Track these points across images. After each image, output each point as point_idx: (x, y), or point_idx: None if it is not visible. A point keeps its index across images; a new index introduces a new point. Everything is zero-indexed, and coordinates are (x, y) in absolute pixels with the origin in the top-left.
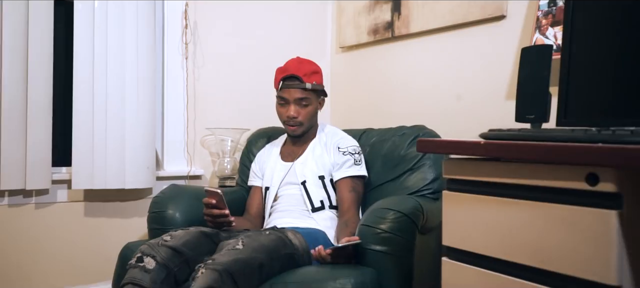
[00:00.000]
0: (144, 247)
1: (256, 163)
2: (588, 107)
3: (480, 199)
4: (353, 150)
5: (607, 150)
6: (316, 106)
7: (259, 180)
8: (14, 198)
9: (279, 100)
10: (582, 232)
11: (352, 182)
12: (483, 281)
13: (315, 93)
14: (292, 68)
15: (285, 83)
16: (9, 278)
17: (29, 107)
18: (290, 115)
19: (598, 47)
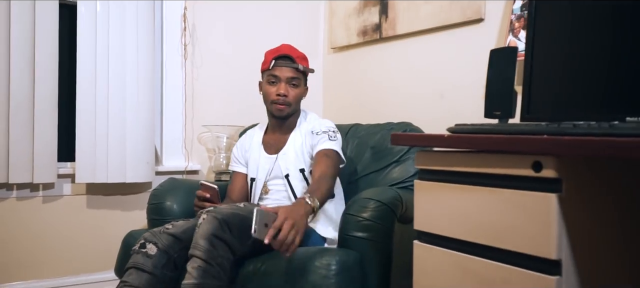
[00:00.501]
0: (147, 235)
1: (238, 149)
2: (549, 104)
3: (445, 187)
4: (326, 128)
5: (549, 141)
6: (303, 91)
7: (241, 167)
8: (22, 191)
9: (270, 78)
10: (528, 213)
11: (327, 151)
12: (448, 260)
13: (304, 77)
14: (284, 49)
15: (278, 62)
16: (18, 267)
17: (36, 105)
18: (281, 92)
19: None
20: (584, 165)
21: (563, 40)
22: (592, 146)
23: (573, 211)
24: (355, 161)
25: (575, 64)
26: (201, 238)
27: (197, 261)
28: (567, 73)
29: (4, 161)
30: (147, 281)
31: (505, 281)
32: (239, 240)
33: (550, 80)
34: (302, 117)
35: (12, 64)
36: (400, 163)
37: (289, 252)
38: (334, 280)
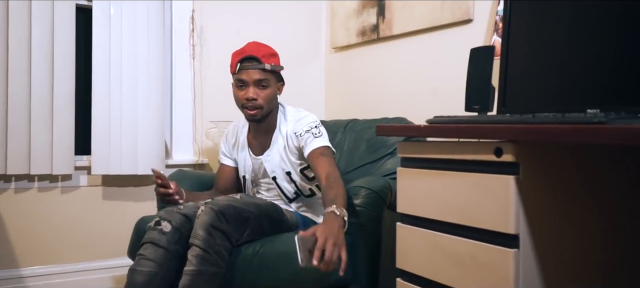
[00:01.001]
0: (161, 213)
1: (224, 145)
2: (522, 97)
3: (423, 173)
4: (308, 127)
5: (507, 128)
6: (275, 90)
7: (229, 160)
8: (42, 182)
9: (237, 83)
10: (490, 193)
11: (320, 150)
12: (424, 239)
13: (274, 75)
14: (250, 50)
15: (243, 64)
16: (38, 253)
17: (54, 101)
18: (249, 96)
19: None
20: (541, 151)
21: (535, 39)
22: (542, 132)
23: (530, 192)
24: (351, 153)
25: (547, 61)
26: (200, 229)
27: (196, 250)
28: (538, 69)
29: (26, 154)
30: (162, 255)
31: (471, 255)
32: (235, 229)
33: (524, 76)
34: (281, 114)
35: (33, 63)
36: (394, 156)
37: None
38: None
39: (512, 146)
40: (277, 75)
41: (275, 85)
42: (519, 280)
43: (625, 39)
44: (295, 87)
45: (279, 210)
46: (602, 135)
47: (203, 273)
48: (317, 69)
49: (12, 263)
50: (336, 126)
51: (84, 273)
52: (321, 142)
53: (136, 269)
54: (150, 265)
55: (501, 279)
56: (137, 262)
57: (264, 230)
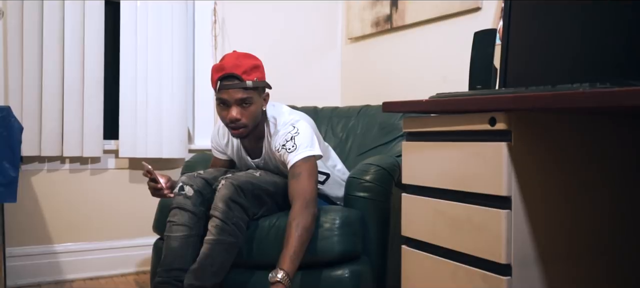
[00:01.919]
0: (183, 179)
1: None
2: (522, 77)
3: (425, 145)
4: (284, 141)
5: (498, 98)
6: (260, 104)
7: (220, 154)
8: (73, 164)
9: (218, 102)
10: (485, 160)
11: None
12: (426, 206)
13: (257, 90)
14: (229, 65)
15: (224, 83)
16: (69, 230)
17: (85, 89)
18: (232, 117)
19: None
20: (532, 120)
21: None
22: (529, 99)
23: (520, 157)
24: (364, 136)
25: (545, 42)
26: (220, 201)
27: (216, 221)
28: (538, 50)
29: (59, 137)
30: (189, 218)
31: (468, 218)
32: (252, 203)
33: (523, 56)
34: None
35: (65, 54)
36: None
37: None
38: (338, 232)
39: (505, 115)
40: (261, 89)
41: (260, 100)
42: (511, 238)
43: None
44: (312, 78)
45: None
46: (580, 99)
47: (222, 243)
48: (334, 60)
49: (46, 240)
50: (350, 111)
51: (112, 250)
52: (295, 156)
53: (170, 235)
54: (182, 230)
55: (494, 238)
56: (169, 228)
57: (280, 206)
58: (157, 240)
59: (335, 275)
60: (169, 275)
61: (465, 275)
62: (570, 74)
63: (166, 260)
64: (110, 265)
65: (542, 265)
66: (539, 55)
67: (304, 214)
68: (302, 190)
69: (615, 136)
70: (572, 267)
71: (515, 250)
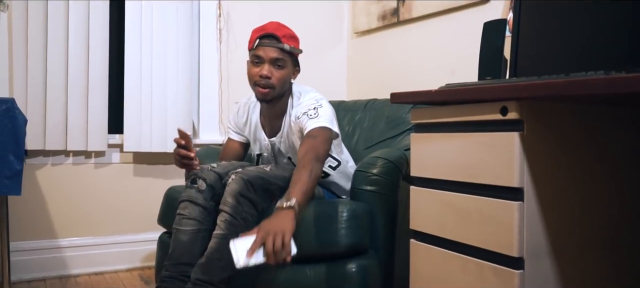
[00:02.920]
0: (197, 171)
1: (233, 120)
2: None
3: (434, 136)
4: (306, 108)
5: (509, 86)
6: (290, 73)
7: (237, 136)
8: (77, 158)
9: (253, 59)
10: (496, 151)
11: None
12: (435, 198)
13: (291, 58)
14: (270, 28)
15: (262, 41)
16: (73, 225)
17: (89, 83)
18: (263, 74)
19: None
20: (545, 109)
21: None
22: (542, 87)
23: (533, 147)
24: (371, 130)
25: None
26: (229, 196)
27: (225, 215)
28: (549, 40)
29: (63, 131)
30: (200, 212)
31: (479, 210)
32: (262, 198)
33: (534, 47)
34: (293, 99)
35: (70, 46)
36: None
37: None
38: (345, 226)
39: (516, 104)
40: (294, 59)
41: (291, 68)
42: (524, 230)
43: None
44: (317, 72)
45: None
46: (595, 86)
47: (231, 238)
48: (340, 54)
49: (50, 234)
50: (356, 105)
51: (116, 245)
52: (315, 123)
53: (179, 229)
54: (192, 224)
55: (506, 231)
56: (178, 221)
57: None
58: (162, 234)
59: (342, 269)
60: (176, 269)
61: (475, 268)
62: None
63: (174, 254)
64: (115, 260)
65: (554, 258)
66: (550, 46)
67: (315, 165)
68: (316, 147)
69: (627, 128)
70: (582, 260)
71: (528, 243)
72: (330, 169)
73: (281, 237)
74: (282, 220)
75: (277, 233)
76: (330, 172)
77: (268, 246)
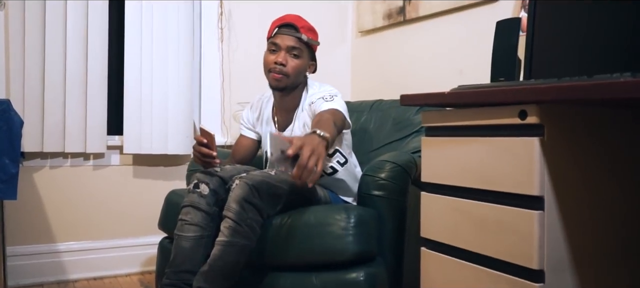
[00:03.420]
0: (199, 176)
1: (247, 115)
2: (549, 68)
3: (446, 141)
4: (322, 94)
5: (530, 89)
6: (306, 64)
7: (249, 132)
8: (75, 160)
9: (270, 46)
10: (514, 157)
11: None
12: (448, 206)
13: (308, 49)
14: (290, 18)
15: (281, 30)
16: (71, 229)
17: (88, 83)
18: (279, 60)
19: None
20: (566, 113)
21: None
22: (566, 90)
23: (554, 153)
24: (378, 132)
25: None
26: (233, 202)
27: (229, 222)
28: (565, 39)
29: (61, 133)
30: (203, 218)
31: (496, 219)
32: (267, 204)
33: (549, 47)
34: (307, 92)
35: (68, 47)
36: (421, 133)
37: (312, 178)
38: (352, 232)
39: (537, 108)
40: (311, 52)
41: (307, 60)
42: (544, 241)
43: None
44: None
45: (312, 188)
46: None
47: (234, 245)
48: (344, 54)
49: (48, 238)
50: (362, 106)
51: (116, 249)
52: (330, 105)
53: (181, 235)
54: (194, 230)
55: (526, 240)
56: (180, 227)
57: (295, 207)
58: (163, 239)
59: (349, 277)
60: (177, 277)
61: (490, 279)
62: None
63: (175, 261)
64: (114, 264)
65: (576, 270)
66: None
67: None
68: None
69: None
70: (604, 272)
71: (549, 255)
72: (338, 165)
73: (316, 158)
74: (319, 145)
75: (314, 152)
76: (337, 168)
77: (303, 159)
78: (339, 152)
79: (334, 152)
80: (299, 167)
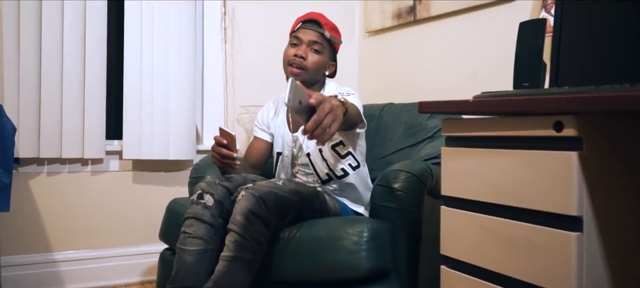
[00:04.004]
0: (203, 185)
1: (262, 116)
2: (577, 74)
3: (470, 152)
4: (339, 91)
5: (569, 99)
6: (326, 62)
7: (263, 133)
8: (73, 166)
9: (292, 40)
10: (550, 172)
11: None
12: (473, 222)
13: (330, 47)
14: (314, 15)
15: (304, 25)
16: (69, 237)
17: (86, 86)
18: (298, 53)
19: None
20: (606, 125)
21: (593, 9)
22: (610, 101)
23: (594, 169)
24: (389, 137)
25: (604, 33)
26: (239, 214)
27: (234, 235)
28: (595, 43)
29: (58, 137)
30: (207, 230)
31: (527, 239)
32: (275, 216)
33: (578, 51)
34: (322, 92)
35: (65, 48)
36: (434, 140)
37: (325, 137)
38: (366, 247)
39: (575, 119)
40: (333, 51)
41: (327, 58)
42: (583, 266)
43: None
44: None
45: (321, 198)
46: None
47: (240, 260)
48: (350, 55)
49: (46, 248)
50: (371, 110)
51: (115, 258)
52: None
53: (183, 248)
54: (198, 243)
55: (562, 264)
56: (182, 240)
57: (304, 219)
58: (165, 251)
59: None
60: None
61: None
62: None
63: (178, 276)
64: (113, 273)
65: None
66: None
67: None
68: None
69: None
70: None
71: (587, 280)
72: (350, 168)
73: (333, 117)
74: (338, 107)
75: (332, 111)
76: (349, 171)
77: (321, 114)
78: (351, 155)
79: (347, 153)
80: (315, 121)
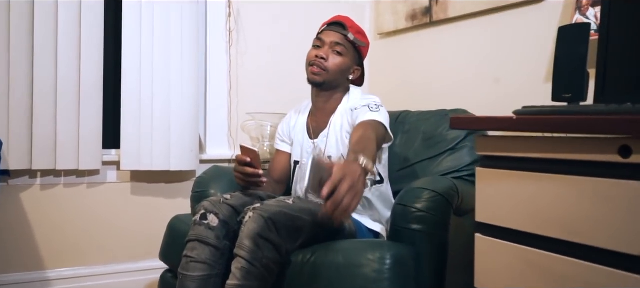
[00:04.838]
0: (206, 204)
1: (284, 126)
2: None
3: (512, 175)
4: (367, 102)
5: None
6: (349, 65)
7: (285, 146)
8: (68, 178)
9: (315, 42)
10: (614, 204)
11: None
12: (514, 255)
13: (355, 51)
14: (341, 17)
15: (329, 27)
16: (65, 253)
17: (81, 93)
18: (320, 54)
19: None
20: None
21: None
22: None
23: None
24: (406, 148)
25: None
26: (246, 238)
27: (241, 262)
28: None
29: (52, 148)
30: (211, 254)
31: (584, 280)
32: (286, 239)
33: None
34: (346, 97)
35: (59, 53)
36: (456, 152)
37: (343, 217)
38: (388, 275)
39: None
40: (357, 55)
41: (351, 61)
42: None
43: None
44: None
45: None
46: None
47: None
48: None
49: (38, 265)
50: None
51: (114, 275)
52: (374, 116)
53: (186, 274)
54: (201, 268)
55: None
56: (185, 265)
57: (318, 240)
58: (165, 273)
59: None
60: None
61: None
62: None
63: None
64: None
65: None
66: None
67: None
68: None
69: None
70: None
71: None
72: (376, 184)
73: (353, 195)
74: (360, 179)
75: (352, 188)
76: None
77: (339, 195)
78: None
79: None
80: (334, 202)
